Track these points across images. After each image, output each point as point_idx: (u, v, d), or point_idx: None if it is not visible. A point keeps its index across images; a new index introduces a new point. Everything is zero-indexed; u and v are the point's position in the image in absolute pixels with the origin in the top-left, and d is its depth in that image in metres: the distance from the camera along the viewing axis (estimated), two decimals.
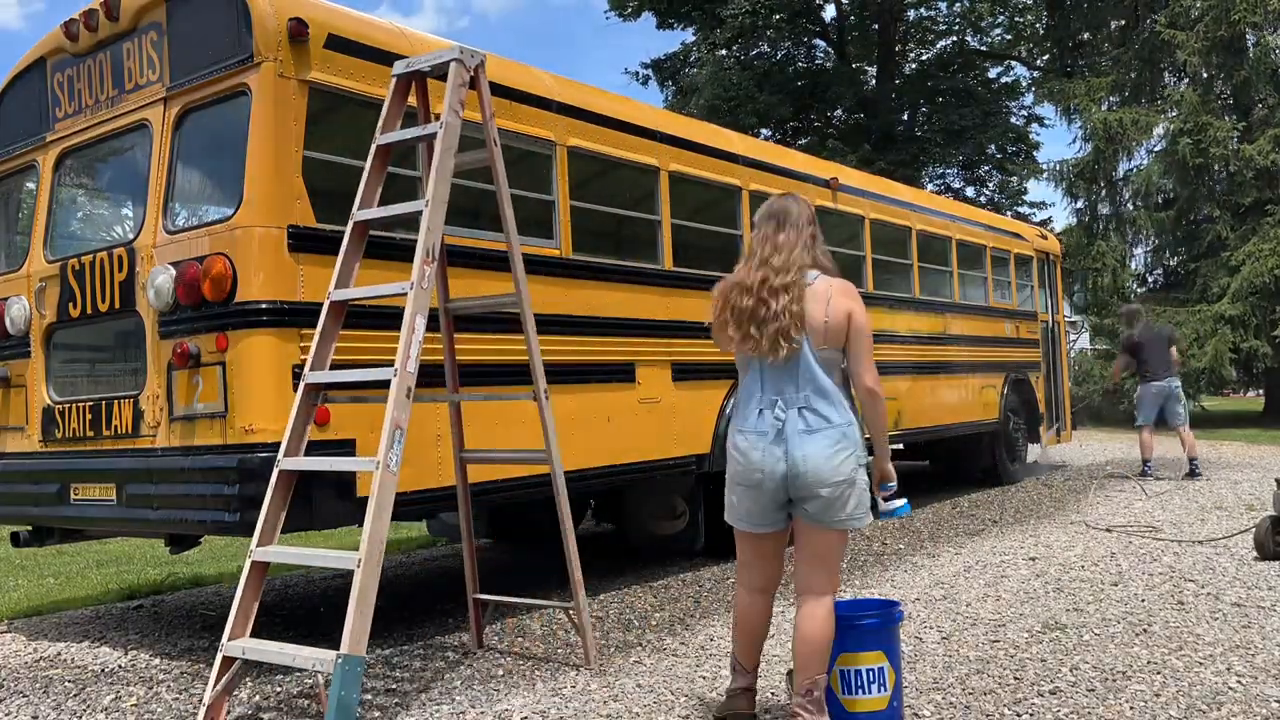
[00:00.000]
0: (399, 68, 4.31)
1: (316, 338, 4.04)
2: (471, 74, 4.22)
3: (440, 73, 4.22)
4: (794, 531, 3.40)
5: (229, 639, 3.75)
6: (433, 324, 4.17)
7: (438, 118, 4.10)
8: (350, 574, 3.56)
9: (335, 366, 4.06)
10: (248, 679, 4.32)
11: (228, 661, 3.72)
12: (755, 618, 3.47)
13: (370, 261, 4.24)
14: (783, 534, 3.44)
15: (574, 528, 4.40)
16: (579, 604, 4.35)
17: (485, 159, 4.34)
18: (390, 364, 3.79)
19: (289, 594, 6.56)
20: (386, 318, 4.29)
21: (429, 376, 4.39)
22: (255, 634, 3.85)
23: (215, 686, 3.70)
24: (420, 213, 3.97)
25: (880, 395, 3.38)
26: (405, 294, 3.87)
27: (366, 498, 4.24)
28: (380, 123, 4.24)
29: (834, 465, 3.23)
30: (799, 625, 3.27)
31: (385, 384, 3.78)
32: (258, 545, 3.86)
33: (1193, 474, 10.58)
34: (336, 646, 3.49)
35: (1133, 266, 23.95)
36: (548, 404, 4.39)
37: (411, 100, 4.35)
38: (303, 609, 6.07)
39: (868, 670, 3.33)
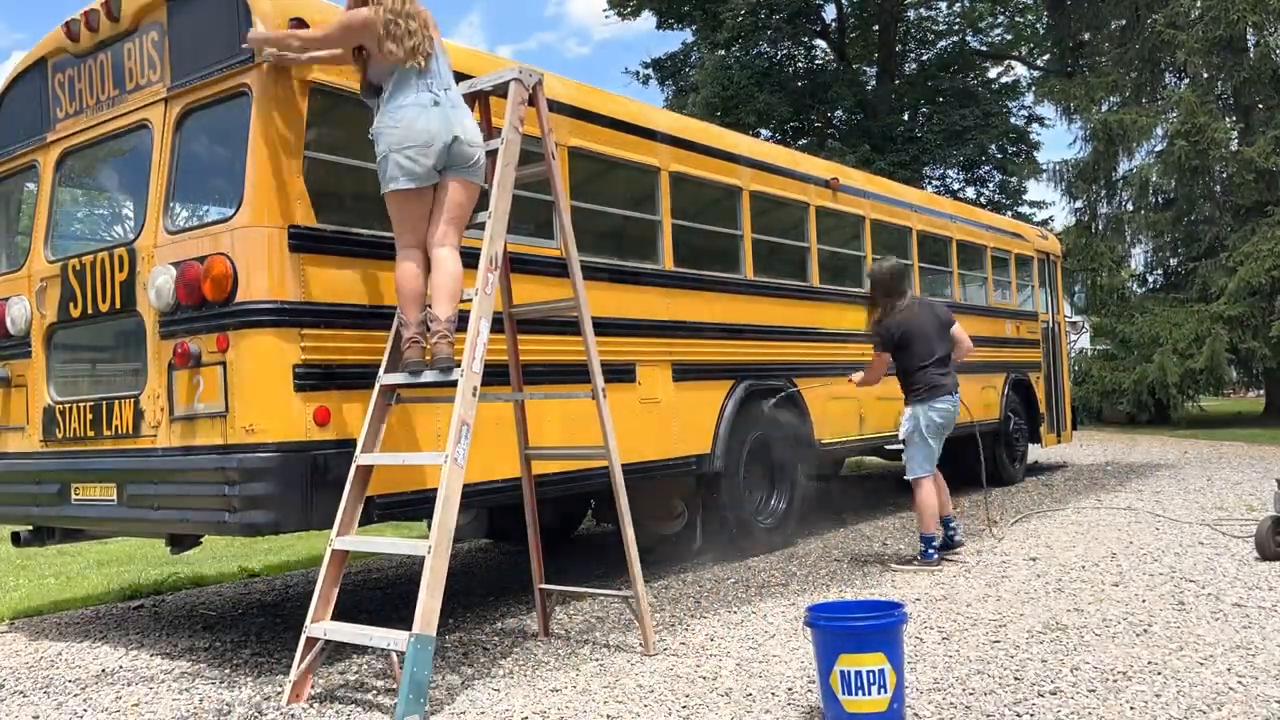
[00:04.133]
0: (463, 88, 4.59)
1: (389, 343, 4.31)
2: (530, 92, 4.53)
3: (501, 91, 4.54)
4: (439, 191, 4.21)
5: (311, 621, 4.01)
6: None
7: (499, 133, 4.38)
8: (422, 560, 3.79)
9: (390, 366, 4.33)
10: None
11: (310, 642, 3.98)
12: (416, 277, 4.21)
13: None
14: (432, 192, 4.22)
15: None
16: (638, 593, 4.57)
17: (544, 172, 4.65)
18: (457, 364, 4.07)
19: (292, 591, 6.56)
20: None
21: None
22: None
23: (299, 666, 3.96)
24: (484, 223, 4.27)
25: None
26: (471, 299, 4.13)
27: (370, 497, 4.30)
28: None
29: (476, 132, 4.27)
30: (440, 267, 4.17)
31: (452, 384, 4.04)
32: (337, 535, 4.12)
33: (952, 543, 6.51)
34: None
35: (1132, 266, 23.99)
36: (605, 402, 4.63)
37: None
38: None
39: (868, 671, 3.33)
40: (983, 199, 29.48)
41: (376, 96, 4.27)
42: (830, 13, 29.88)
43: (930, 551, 6.32)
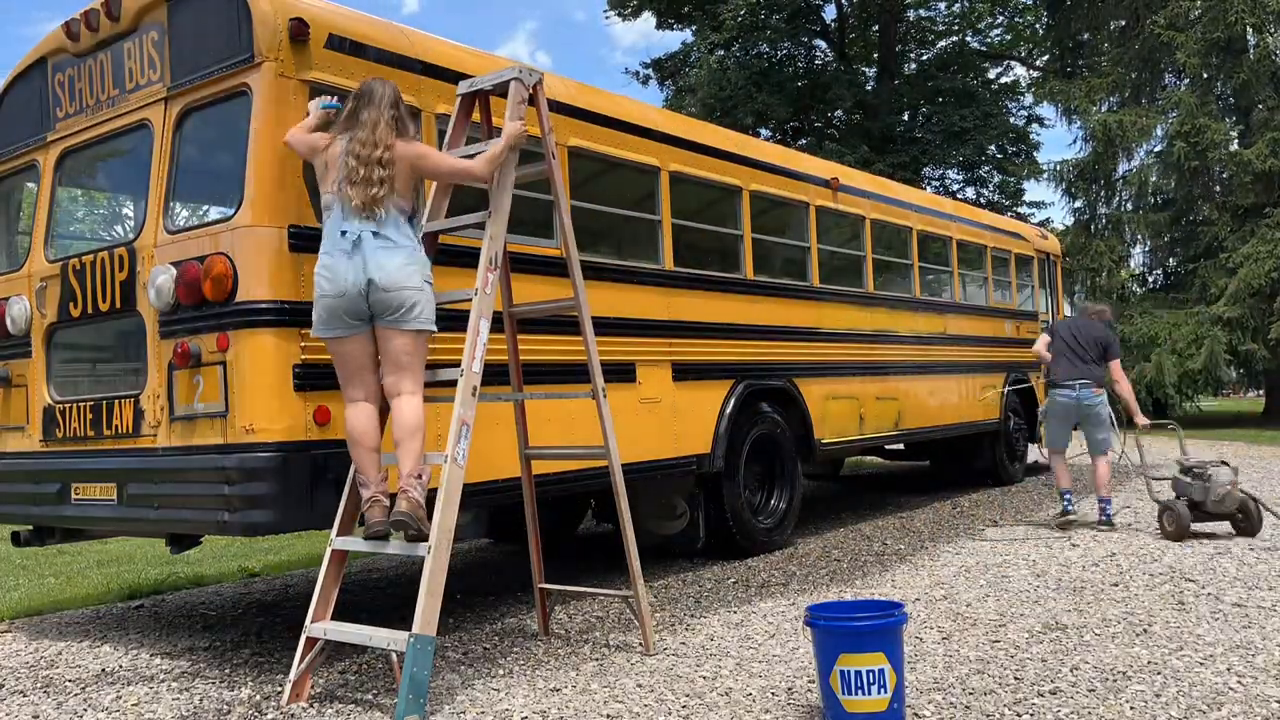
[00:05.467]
0: (463, 87, 4.59)
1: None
2: (530, 91, 4.51)
3: (501, 91, 4.52)
4: (378, 340, 3.98)
5: (311, 621, 4.02)
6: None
7: (500, 133, 4.35)
8: (422, 560, 3.80)
9: None
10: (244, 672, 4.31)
11: (310, 642, 4.00)
12: (366, 431, 4.01)
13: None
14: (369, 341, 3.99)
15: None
16: (638, 592, 4.57)
17: (544, 171, 4.62)
18: (457, 364, 4.07)
19: (292, 591, 6.56)
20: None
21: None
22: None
23: (299, 665, 3.98)
24: (484, 223, 4.25)
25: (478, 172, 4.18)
26: (470, 299, 4.12)
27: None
28: (446, 139, 4.57)
29: (406, 275, 3.91)
30: (395, 419, 3.95)
31: (452, 383, 4.04)
32: (337, 535, 4.13)
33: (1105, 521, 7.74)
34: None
35: (1132, 266, 24.00)
36: (605, 402, 4.62)
37: (475, 116, 4.67)
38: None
39: (867, 671, 3.33)
40: (983, 199, 29.47)
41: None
42: (830, 13, 29.92)
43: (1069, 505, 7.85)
